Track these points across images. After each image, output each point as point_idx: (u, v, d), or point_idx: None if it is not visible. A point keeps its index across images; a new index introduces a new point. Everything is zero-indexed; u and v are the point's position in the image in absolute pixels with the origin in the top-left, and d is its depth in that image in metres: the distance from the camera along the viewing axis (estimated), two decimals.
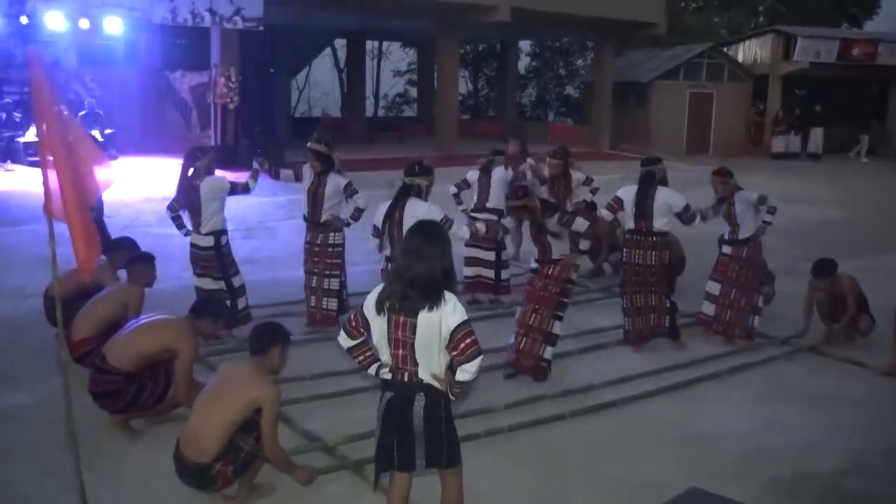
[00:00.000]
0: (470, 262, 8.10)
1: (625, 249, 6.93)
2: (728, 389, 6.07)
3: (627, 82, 26.27)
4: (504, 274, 8.15)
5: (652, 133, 24.72)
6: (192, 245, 6.71)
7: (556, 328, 6.13)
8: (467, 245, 7.87)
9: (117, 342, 4.96)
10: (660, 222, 6.71)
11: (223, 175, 6.70)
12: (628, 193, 6.82)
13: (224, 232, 6.69)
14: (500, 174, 8.35)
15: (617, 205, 6.84)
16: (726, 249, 7.21)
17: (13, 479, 4.51)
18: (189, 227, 6.74)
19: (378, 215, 6.18)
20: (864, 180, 20.36)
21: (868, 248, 11.04)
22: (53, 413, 4.96)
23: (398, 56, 38.89)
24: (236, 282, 6.77)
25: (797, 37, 26.50)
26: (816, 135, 25.41)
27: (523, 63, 36.43)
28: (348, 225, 7.09)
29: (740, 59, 27.96)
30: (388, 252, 6.15)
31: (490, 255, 8.03)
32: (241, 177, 7.39)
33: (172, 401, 5.01)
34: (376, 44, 36.56)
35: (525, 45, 35.23)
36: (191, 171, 6.56)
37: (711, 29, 34.42)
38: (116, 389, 4.85)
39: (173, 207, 6.75)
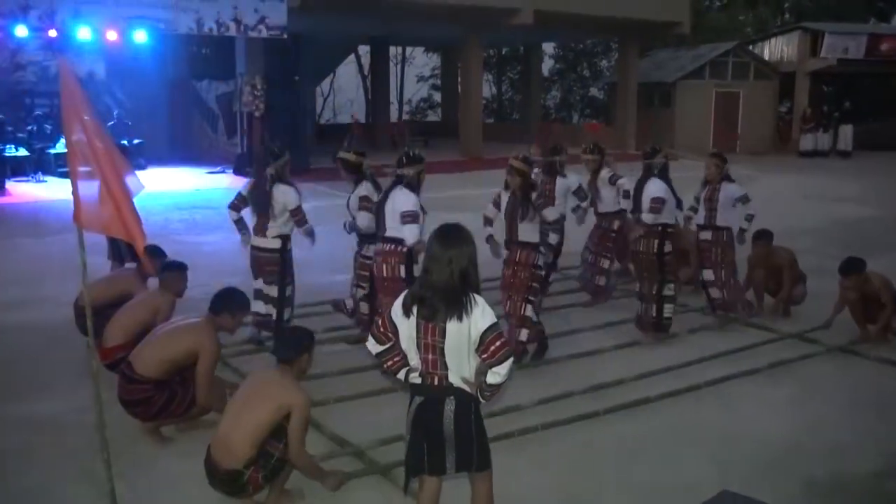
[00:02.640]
0: None
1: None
2: (761, 389, 6.00)
3: (652, 82, 26.15)
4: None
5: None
6: (254, 248, 6.56)
7: (529, 311, 6.35)
8: None
9: (143, 350, 4.99)
10: (647, 214, 7.00)
11: (297, 193, 6.47)
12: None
13: (289, 237, 6.57)
14: (568, 181, 7.97)
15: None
16: (705, 235, 7.65)
17: (47, 485, 4.56)
18: (250, 230, 6.56)
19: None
20: (895, 177, 20.04)
21: None
22: (86, 420, 5.03)
23: (422, 61, 39.05)
24: (289, 290, 6.62)
25: (824, 33, 26.22)
26: (846, 132, 25.09)
27: (547, 65, 36.40)
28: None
29: (766, 56, 27.71)
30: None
31: (542, 258, 7.85)
32: None
33: (199, 404, 5.04)
34: (400, 49, 36.71)
35: (548, 47, 35.18)
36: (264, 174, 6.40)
37: (737, 27, 34.16)
38: (146, 398, 4.88)
39: (236, 207, 6.58)
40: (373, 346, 3.70)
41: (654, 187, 7.01)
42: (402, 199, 5.97)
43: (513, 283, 6.36)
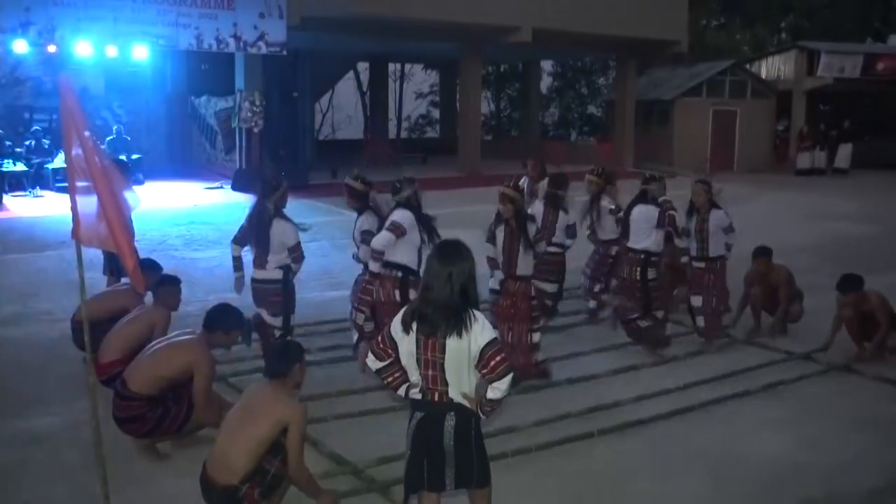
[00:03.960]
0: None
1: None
2: (759, 408, 5.99)
3: (650, 100, 26.25)
4: (560, 307, 8.03)
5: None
6: (255, 280, 6.29)
7: (536, 338, 6.37)
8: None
9: (136, 367, 4.99)
10: (637, 240, 7.03)
11: (294, 230, 6.23)
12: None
13: (290, 268, 6.30)
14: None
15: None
16: (698, 264, 7.44)
17: (42, 501, 4.53)
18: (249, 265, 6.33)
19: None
20: (892, 195, 20.09)
21: None
22: (82, 436, 5.01)
23: (420, 78, 39.14)
24: (292, 319, 6.40)
25: (820, 52, 26.35)
26: (845, 150, 25.15)
27: (545, 83, 36.53)
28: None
29: (763, 75, 27.84)
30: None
31: (551, 287, 7.75)
32: None
33: (197, 422, 5.02)
34: (398, 66, 36.84)
35: (547, 64, 35.33)
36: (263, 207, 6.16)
37: (734, 46, 34.34)
38: (139, 415, 4.87)
39: (239, 242, 6.37)
40: (373, 363, 3.70)
41: (648, 213, 7.05)
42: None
43: (513, 313, 6.32)
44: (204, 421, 4.96)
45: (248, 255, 6.34)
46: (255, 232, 6.24)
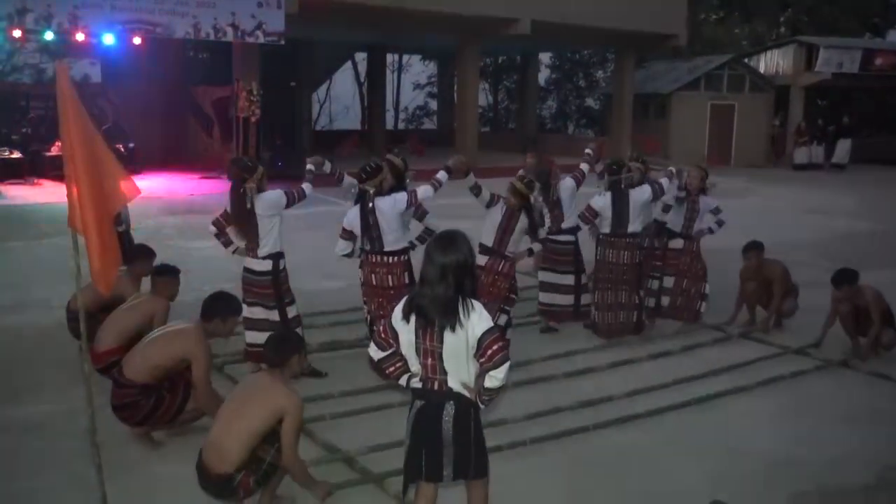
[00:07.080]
0: (545, 287, 7.60)
1: (598, 249, 7.38)
2: (753, 402, 6.01)
3: (648, 94, 26.25)
4: (584, 299, 7.54)
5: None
6: (246, 270, 6.13)
7: (502, 320, 6.37)
8: (541, 269, 7.57)
9: (133, 355, 4.99)
10: (634, 225, 7.18)
11: (277, 190, 6.09)
12: (602, 202, 7.24)
13: (282, 255, 6.14)
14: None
15: (591, 215, 7.34)
16: (676, 244, 7.79)
17: (38, 490, 4.54)
18: (237, 243, 6.21)
19: (349, 220, 6.34)
20: (889, 191, 20.13)
21: (894, 261, 10.89)
22: (78, 424, 5.01)
23: (418, 69, 39.08)
24: (291, 312, 6.17)
25: (819, 47, 26.38)
26: (843, 146, 25.18)
27: (543, 75, 36.47)
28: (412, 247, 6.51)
29: (762, 69, 27.85)
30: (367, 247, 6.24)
31: (567, 280, 7.52)
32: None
33: (193, 411, 5.03)
34: (396, 57, 36.77)
35: (545, 57, 35.28)
36: (242, 190, 6.00)
37: (732, 40, 34.31)
38: (134, 402, 4.87)
39: (219, 224, 6.19)
40: (374, 353, 3.70)
41: (642, 192, 7.21)
42: (390, 204, 6.07)
43: (491, 291, 6.37)
44: (206, 408, 4.94)
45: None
46: (240, 220, 6.09)
